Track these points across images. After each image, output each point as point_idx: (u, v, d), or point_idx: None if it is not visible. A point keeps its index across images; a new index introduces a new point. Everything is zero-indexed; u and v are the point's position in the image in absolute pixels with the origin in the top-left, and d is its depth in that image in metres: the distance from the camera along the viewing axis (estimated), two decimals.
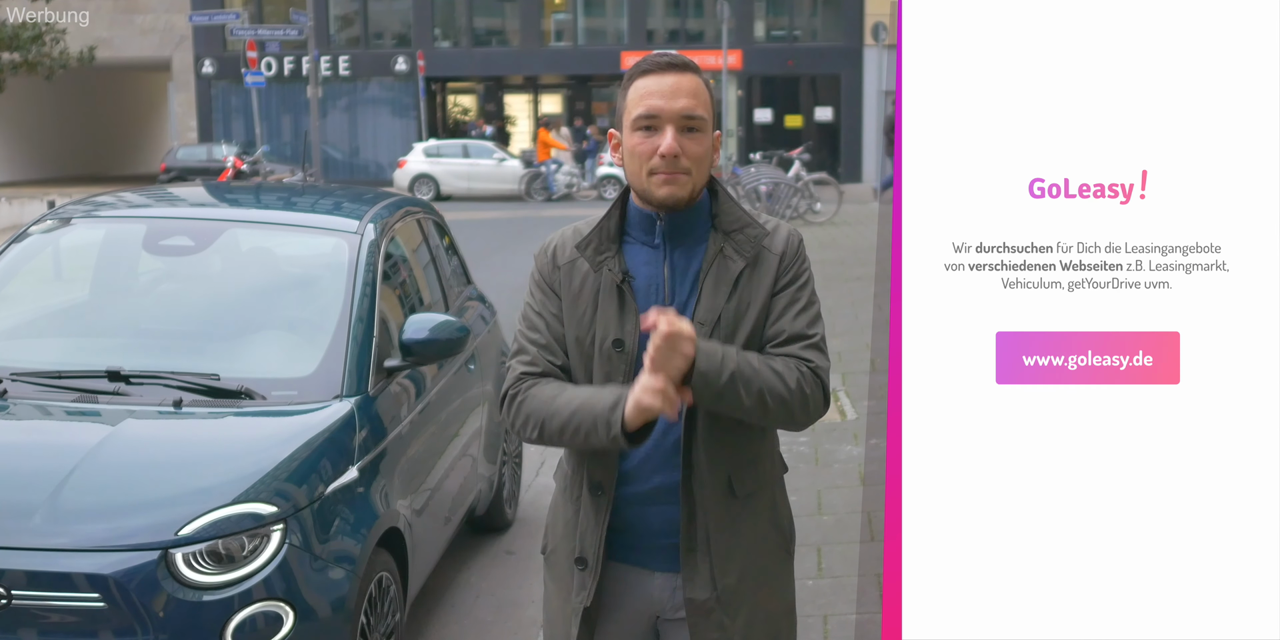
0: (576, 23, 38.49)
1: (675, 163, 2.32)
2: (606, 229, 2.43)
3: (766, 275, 2.39)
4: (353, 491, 3.78)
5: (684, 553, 2.40)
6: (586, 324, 2.40)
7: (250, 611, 3.37)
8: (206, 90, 38.57)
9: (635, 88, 2.37)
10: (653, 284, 2.40)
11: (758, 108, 37.02)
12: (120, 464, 3.63)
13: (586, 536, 2.44)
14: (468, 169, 29.89)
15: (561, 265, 2.46)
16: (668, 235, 2.40)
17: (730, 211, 2.43)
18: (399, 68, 37.52)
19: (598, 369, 2.39)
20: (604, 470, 2.41)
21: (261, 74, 28.81)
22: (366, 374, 4.15)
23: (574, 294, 2.43)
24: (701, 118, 2.35)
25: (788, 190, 18.87)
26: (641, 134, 2.34)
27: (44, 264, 5.02)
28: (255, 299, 4.68)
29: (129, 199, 5.38)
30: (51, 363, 4.18)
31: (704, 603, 2.41)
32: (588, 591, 2.45)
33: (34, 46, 27.22)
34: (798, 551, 5.25)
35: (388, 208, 5.07)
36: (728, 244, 2.39)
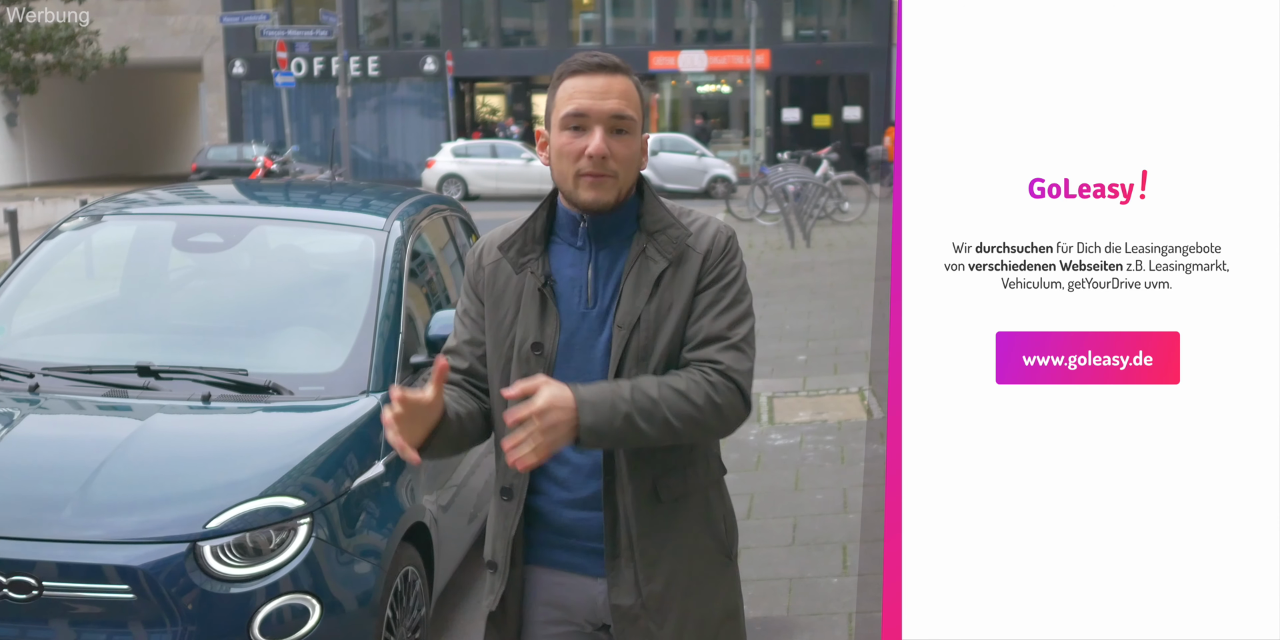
0: (605, 23, 38.51)
1: (603, 164, 2.29)
2: (532, 230, 2.40)
3: (689, 275, 2.34)
4: (379, 486, 3.81)
5: (608, 559, 2.36)
6: (507, 326, 2.38)
7: (277, 604, 3.40)
8: (237, 91, 38.79)
9: (564, 87, 2.33)
10: (576, 286, 2.36)
11: (786, 107, 36.97)
12: (149, 458, 3.67)
13: (496, 540, 2.42)
14: (496, 169, 29.98)
15: (485, 265, 2.43)
16: (592, 236, 2.36)
17: (653, 212, 2.38)
18: (428, 68, 37.64)
19: (515, 371, 2.35)
20: (513, 475, 2.38)
21: (291, 74, 28.98)
22: (393, 370, 4.17)
23: (496, 295, 2.40)
24: (631, 118, 2.31)
25: (815, 190, 18.82)
26: (570, 134, 2.31)
27: (76, 260, 5.07)
28: (283, 295, 4.72)
29: (160, 196, 5.43)
30: (83, 358, 4.23)
31: (629, 609, 2.36)
32: (495, 595, 2.42)
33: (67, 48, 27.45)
34: (822, 549, 5.31)
35: (415, 205, 5.10)
36: (650, 244, 2.35)
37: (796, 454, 6.76)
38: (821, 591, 4.91)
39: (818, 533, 5.54)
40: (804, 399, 7.99)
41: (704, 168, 30.40)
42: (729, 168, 30.92)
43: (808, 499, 6.01)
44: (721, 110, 39.67)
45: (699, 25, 38.40)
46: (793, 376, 8.66)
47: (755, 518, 5.72)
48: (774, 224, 19.96)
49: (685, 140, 31.73)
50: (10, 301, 4.59)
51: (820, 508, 5.88)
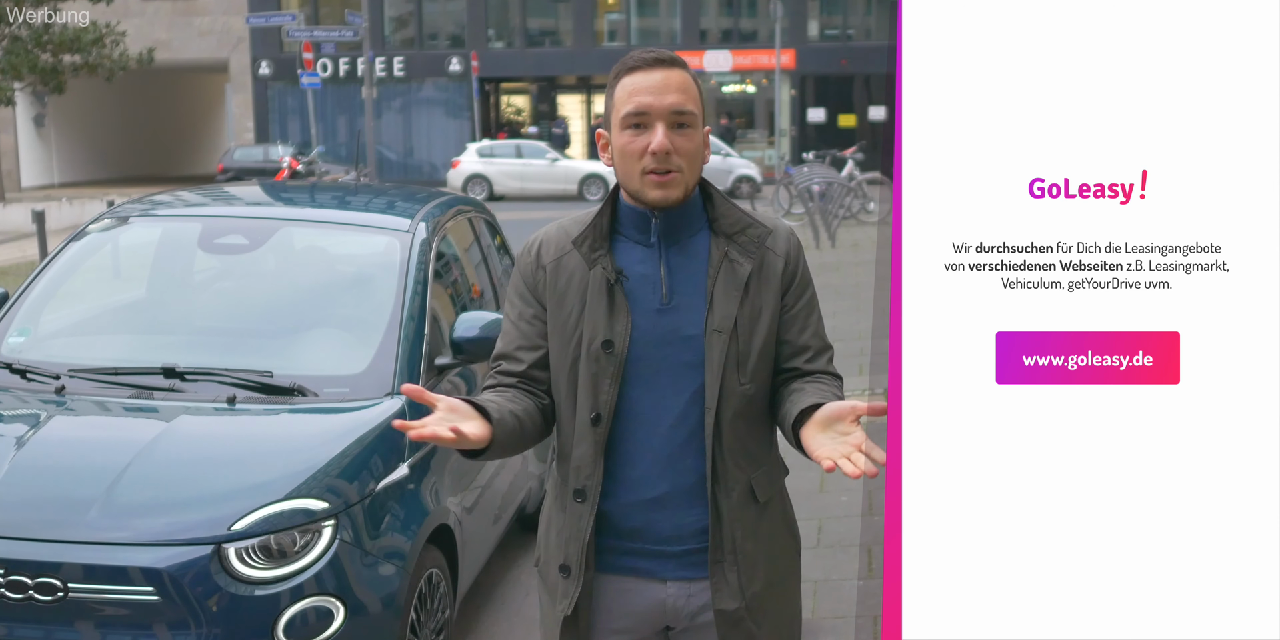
0: (630, 23, 38.55)
1: (667, 160, 2.27)
2: (600, 225, 2.37)
3: (773, 278, 2.37)
4: (403, 488, 3.81)
5: (712, 563, 2.35)
6: (573, 324, 2.34)
7: (301, 606, 3.40)
8: (263, 91, 38.98)
9: (623, 85, 2.31)
10: (648, 283, 2.34)
11: (811, 107, 36.95)
12: (174, 460, 3.68)
13: (570, 544, 2.38)
14: (520, 169, 30.05)
15: (546, 264, 2.39)
16: (663, 233, 2.35)
17: (729, 213, 2.38)
18: (453, 68, 37.75)
19: (584, 370, 2.32)
20: (586, 477, 2.35)
21: (317, 75, 29.10)
22: (417, 371, 4.17)
23: (560, 293, 2.36)
24: (692, 113, 2.30)
25: (841, 190, 18.80)
26: (631, 133, 2.29)
27: (102, 262, 5.09)
28: (308, 297, 4.72)
29: (186, 198, 5.44)
30: (109, 359, 4.25)
31: (734, 613, 2.36)
32: (569, 600, 2.38)
33: (94, 49, 27.65)
34: (847, 552, 5.30)
35: (440, 206, 5.10)
36: (731, 247, 2.35)
37: None
38: (846, 594, 4.89)
39: (842, 535, 5.52)
40: None
41: (729, 168, 30.40)
42: (754, 168, 30.91)
43: (832, 501, 5.99)
44: (746, 110, 39.65)
45: (724, 25, 38.40)
46: None
47: None
48: (799, 224, 19.93)
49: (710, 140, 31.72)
50: (37, 303, 4.62)
51: (845, 510, 5.86)
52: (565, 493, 2.40)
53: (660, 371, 2.32)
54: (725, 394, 2.32)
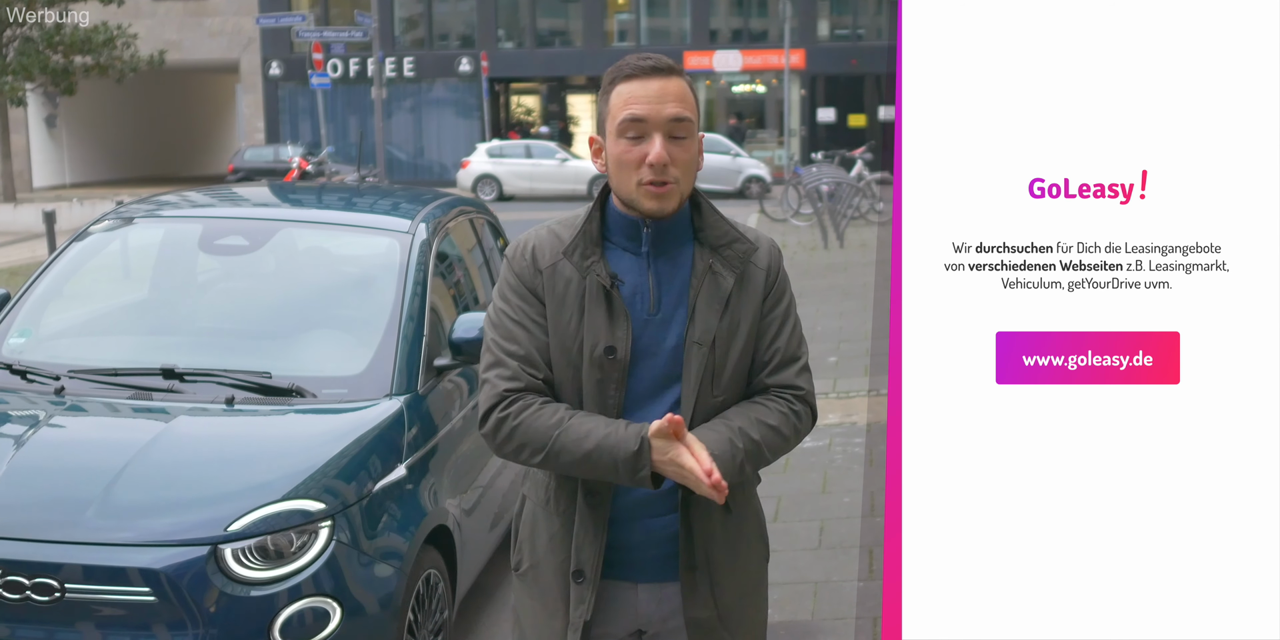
0: (639, 23, 38.54)
1: (664, 172, 2.25)
2: (589, 233, 2.34)
3: (755, 292, 2.36)
4: (401, 489, 3.81)
5: (683, 571, 2.35)
6: (573, 331, 2.31)
7: (298, 607, 3.40)
8: (273, 92, 39.04)
9: (619, 92, 2.28)
10: (638, 292, 2.32)
11: (821, 107, 36.89)
12: (172, 460, 3.69)
13: (583, 549, 2.35)
14: (530, 169, 30.07)
15: (543, 269, 2.35)
16: (653, 243, 2.33)
17: (716, 225, 2.36)
18: (463, 69, 37.78)
19: (588, 376, 2.30)
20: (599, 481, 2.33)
21: (327, 75, 29.14)
22: (416, 372, 4.18)
23: (558, 299, 2.33)
24: (689, 120, 2.27)
25: (849, 190, 18.77)
26: (628, 142, 2.26)
27: (104, 263, 5.10)
28: (308, 298, 4.73)
29: (191, 198, 5.45)
30: (109, 360, 4.25)
31: (706, 621, 2.37)
32: (587, 605, 2.36)
33: (105, 50, 27.73)
34: (849, 553, 5.29)
35: (441, 208, 5.10)
36: (716, 259, 2.33)
37: (825, 456, 6.73)
38: (847, 596, 4.89)
39: (844, 536, 5.52)
40: (834, 401, 7.96)
41: (739, 168, 30.38)
42: (764, 168, 30.89)
43: (835, 502, 5.98)
44: (756, 110, 39.63)
45: (734, 25, 38.38)
46: (824, 378, 8.62)
47: (782, 521, 5.70)
48: (808, 224, 19.92)
49: (720, 140, 31.69)
50: (38, 304, 4.63)
51: (847, 511, 5.85)
52: (567, 497, 2.39)
53: (642, 380, 2.32)
54: (699, 405, 2.32)
